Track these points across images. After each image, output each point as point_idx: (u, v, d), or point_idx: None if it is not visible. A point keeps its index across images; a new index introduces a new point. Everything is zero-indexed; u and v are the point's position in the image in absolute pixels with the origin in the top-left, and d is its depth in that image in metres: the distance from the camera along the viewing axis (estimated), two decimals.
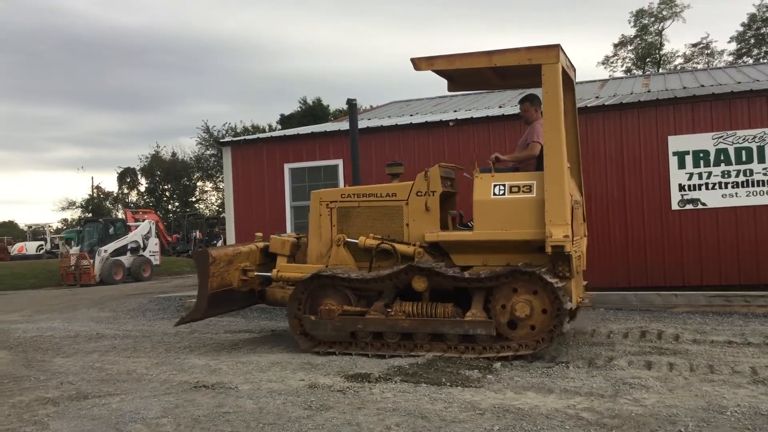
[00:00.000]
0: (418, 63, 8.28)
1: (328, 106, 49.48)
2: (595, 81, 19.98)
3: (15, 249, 47.88)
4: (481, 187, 7.95)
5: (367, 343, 8.05)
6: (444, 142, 13.17)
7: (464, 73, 8.69)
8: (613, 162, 12.16)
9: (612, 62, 50.25)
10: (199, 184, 62.25)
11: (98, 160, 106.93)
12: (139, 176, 62.50)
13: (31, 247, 48.38)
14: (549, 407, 5.56)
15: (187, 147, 79.37)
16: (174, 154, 61.35)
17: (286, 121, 46.91)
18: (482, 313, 7.66)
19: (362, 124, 15.33)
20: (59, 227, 61.99)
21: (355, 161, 11.97)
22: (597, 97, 15.02)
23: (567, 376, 6.65)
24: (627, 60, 49.86)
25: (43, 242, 49.56)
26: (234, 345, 9.09)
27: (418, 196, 8.46)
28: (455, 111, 15.97)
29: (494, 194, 7.87)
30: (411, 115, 16.32)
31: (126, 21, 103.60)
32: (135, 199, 62.16)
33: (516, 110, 13.42)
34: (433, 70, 8.41)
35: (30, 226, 55.47)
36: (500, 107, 15.44)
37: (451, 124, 13.20)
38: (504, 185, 7.86)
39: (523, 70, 8.23)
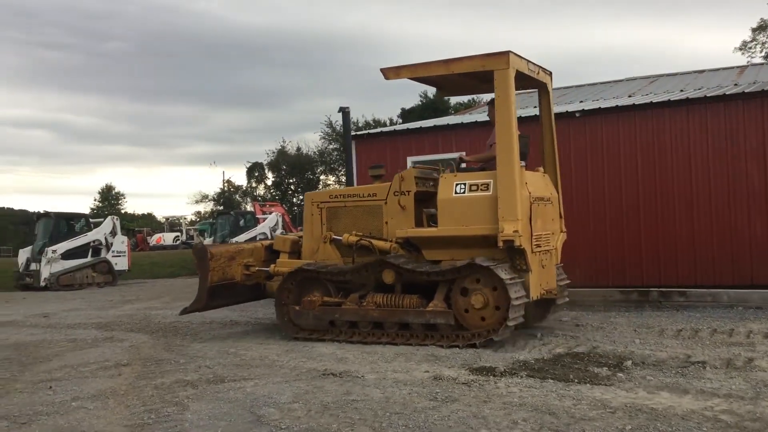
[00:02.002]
0: (387, 72, 8.95)
1: (448, 99, 49.29)
2: (732, 68, 18.87)
3: (153, 240, 50.95)
4: (444, 186, 8.54)
5: (342, 331, 8.77)
6: (570, 134, 12.85)
7: (448, 80, 9.28)
8: (753, 152, 11.45)
9: (750, 48, 47.18)
10: (322, 177, 63.71)
11: (228, 156, 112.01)
12: (266, 170, 64.65)
13: (168, 238, 51.30)
14: (684, 408, 5.33)
15: (311, 142, 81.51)
16: (299, 149, 63.02)
17: (407, 115, 47.15)
18: (443, 304, 8.26)
19: (483, 117, 15.19)
20: (193, 219, 65.30)
21: (349, 165, 13.32)
22: (736, 85, 14.19)
23: (703, 377, 6.35)
24: (767, 45, 46.69)
25: (179, 233, 52.42)
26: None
27: (395, 195, 9.06)
28: (581, 101, 15.53)
29: (456, 192, 8.43)
30: (534, 107, 16.04)
31: (250, 21, 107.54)
32: (262, 193, 64.39)
33: (647, 99, 12.95)
34: (401, 79, 9.02)
35: (167, 219, 58.79)
36: (630, 96, 14.88)
37: (577, 115, 12.85)
38: (465, 184, 8.42)
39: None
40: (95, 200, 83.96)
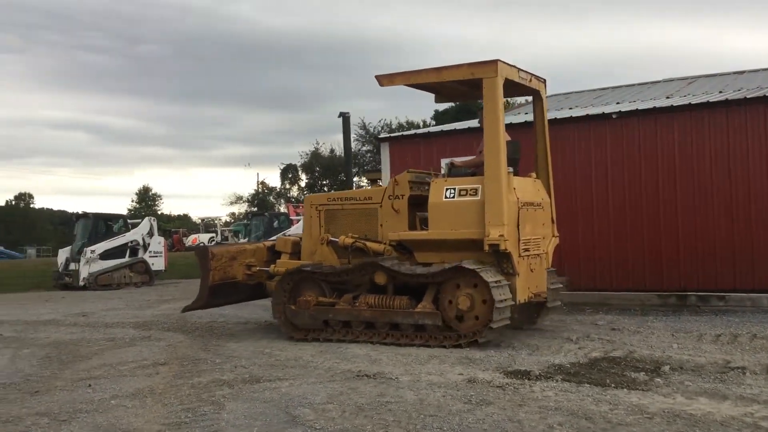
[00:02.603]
0: (381, 79, 9.21)
1: (481, 101, 49.04)
2: None
3: (189, 240, 51.53)
4: (435, 190, 8.77)
5: (336, 330, 8.99)
6: (606, 136, 12.72)
7: (444, 86, 9.48)
8: None
9: None
10: (355, 179, 63.87)
11: (262, 157, 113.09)
12: (299, 172, 65.06)
13: (203, 238, 51.80)
14: (724, 414, 5.25)
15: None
16: (332, 151, 63.27)
17: (440, 116, 47.01)
18: (431, 306, 8.45)
19: (519, 118, 15.11)
20: (228, 220, 65.93)
21: (348, 169, 14.86)
22: None
23: (743, 383, 6.25)
24: None
25: (214, 234, 52.94)
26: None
27: (389, 199, 9.28)
28: (618, 103, 15.36)
29: (446, 197, 8.65)
30: (570, 108, 15.90)
31: (281, 24, 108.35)
32: (296, 194, 64.79)
33: (685, 101, 12.76)
34: (395, 85, 9.27)
35: (202, 219, 59.48)
36: (667, 98, 14.68)
37: (614, 116, 12.72)
38: (454, 189, 8.63)
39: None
40: (132, 201, 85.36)
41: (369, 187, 9.94)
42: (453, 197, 8.60)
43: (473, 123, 16.45)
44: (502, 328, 8.42)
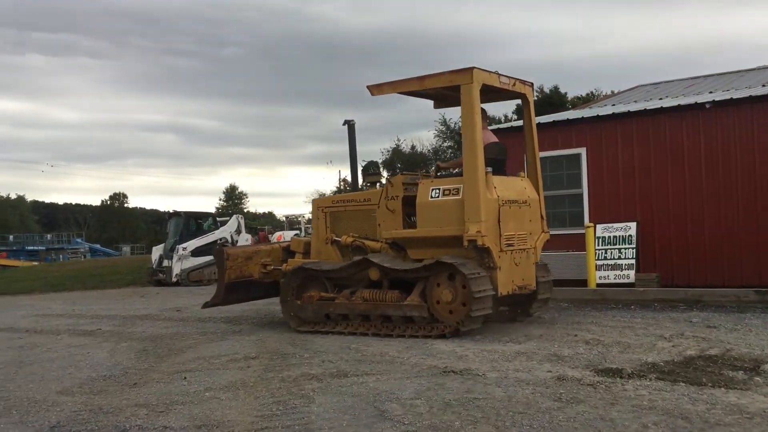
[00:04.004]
0: (371, 89, 9.82)
1: (565, 93, 48.12)
2: None
3: (274, 237, 52.48)
4: (422, 190, 9.38)
5: (336, 323, 9.65)
6: (699, 127, 12.27)
7: (439, 93, 9.94)
8: None
9: None
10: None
11: (344, 155, 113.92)
12: (381, 168, 65.36)
13: (287, 236, 52.62)
14: None
15: (425, 140, 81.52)
16: (413, 147, 63.29)
17: (522, 111, 46.42)
18: (418, 299, 9.04)
19: (606, 110, 14.76)
20: (311, 217, 66.83)
21: (354, 173, 15.08)
22: None
23: None
24: None
25: (298, 231, 53.75)
26: (477, 333, 9.22)
27: (385, 200, 9.90)
28: (711, 92, 14.78)
29: (431, 197, 9.24)
30: (660, 99, 15.41)
31: (362, 23, 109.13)
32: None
33: None
34: (384, 94, 9.89)
35: (286, 217, 60.37)
36: (763, 86, 14.03)
37: (707, 106, 12.25)
38: (439, 189, 9.22)
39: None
40: (220, 200, 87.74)
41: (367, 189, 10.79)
42: (438, 197, 9.20)
43: (558, 116, 16.15)
44: (493, 319, 9.32)
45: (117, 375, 7.52)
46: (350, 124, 15.59)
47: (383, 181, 11.01)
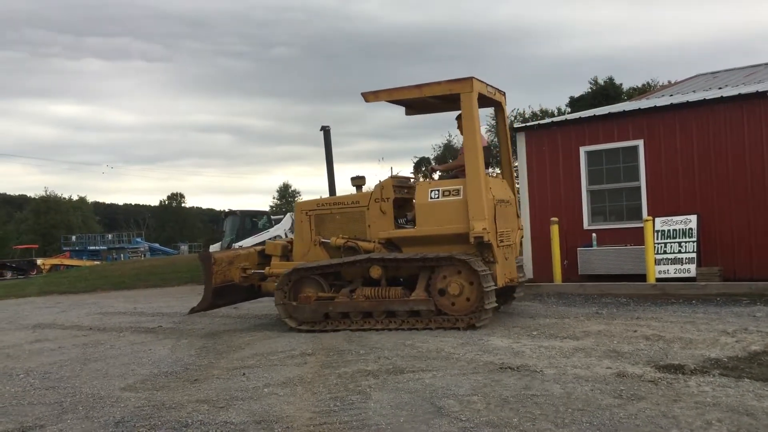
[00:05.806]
0: (366, 96, 10.17)
1: (620, 84, 47.20)
2: None
3: None
4: (421, 191, 9.87)
5: (337, 321, 9.84)
6: (762, 117, 11.90)
7: (417, 101, 10.43)
8: None
9: None
10: (489, 170, 63.23)
11: (393, 152, 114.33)
12: (433, 164, 65.22)
13: None
14: None
15: None
16: None
17: (575, 103, 45.68)
18: (424, 294, 9.45)
19: (663, 101, 14.45)
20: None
21: (331, 177, 15.85)
22: None
23: None
24: None
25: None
26: (534, 329, 9.14)
27: (375, 202, 10.23)
28: None
29: (431, 198, 9.71)
30: (720, 88, 15.00)
31: (406, 19, 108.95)
32: None
33: None
34: (379, 101, 10.13)
35: None
36: None
37: None
38: (438, 190, 9.72)
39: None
40: (274, 198, 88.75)
41: (354, 192, 10.92)
42: (437, 197, 9.65)
43: (614, 108, 15.88)
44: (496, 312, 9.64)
45: (178, 371, 7.67)
46: (326, 130, 15.87)
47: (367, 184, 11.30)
